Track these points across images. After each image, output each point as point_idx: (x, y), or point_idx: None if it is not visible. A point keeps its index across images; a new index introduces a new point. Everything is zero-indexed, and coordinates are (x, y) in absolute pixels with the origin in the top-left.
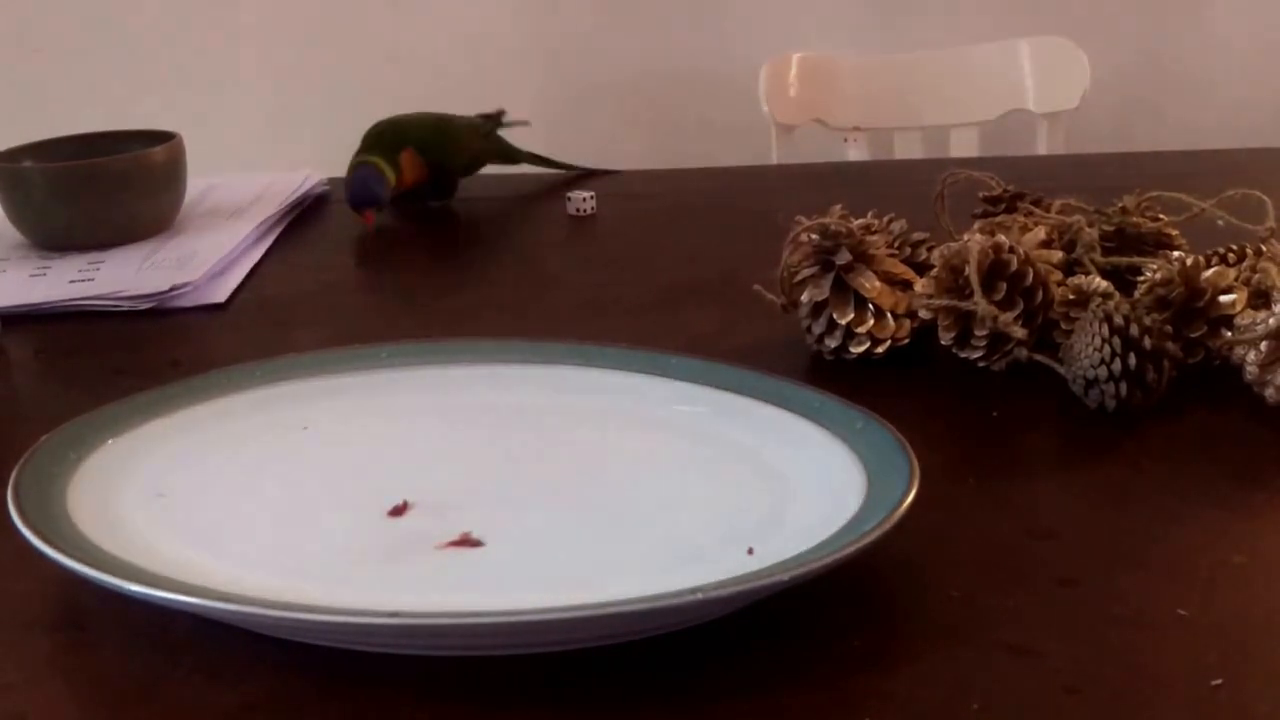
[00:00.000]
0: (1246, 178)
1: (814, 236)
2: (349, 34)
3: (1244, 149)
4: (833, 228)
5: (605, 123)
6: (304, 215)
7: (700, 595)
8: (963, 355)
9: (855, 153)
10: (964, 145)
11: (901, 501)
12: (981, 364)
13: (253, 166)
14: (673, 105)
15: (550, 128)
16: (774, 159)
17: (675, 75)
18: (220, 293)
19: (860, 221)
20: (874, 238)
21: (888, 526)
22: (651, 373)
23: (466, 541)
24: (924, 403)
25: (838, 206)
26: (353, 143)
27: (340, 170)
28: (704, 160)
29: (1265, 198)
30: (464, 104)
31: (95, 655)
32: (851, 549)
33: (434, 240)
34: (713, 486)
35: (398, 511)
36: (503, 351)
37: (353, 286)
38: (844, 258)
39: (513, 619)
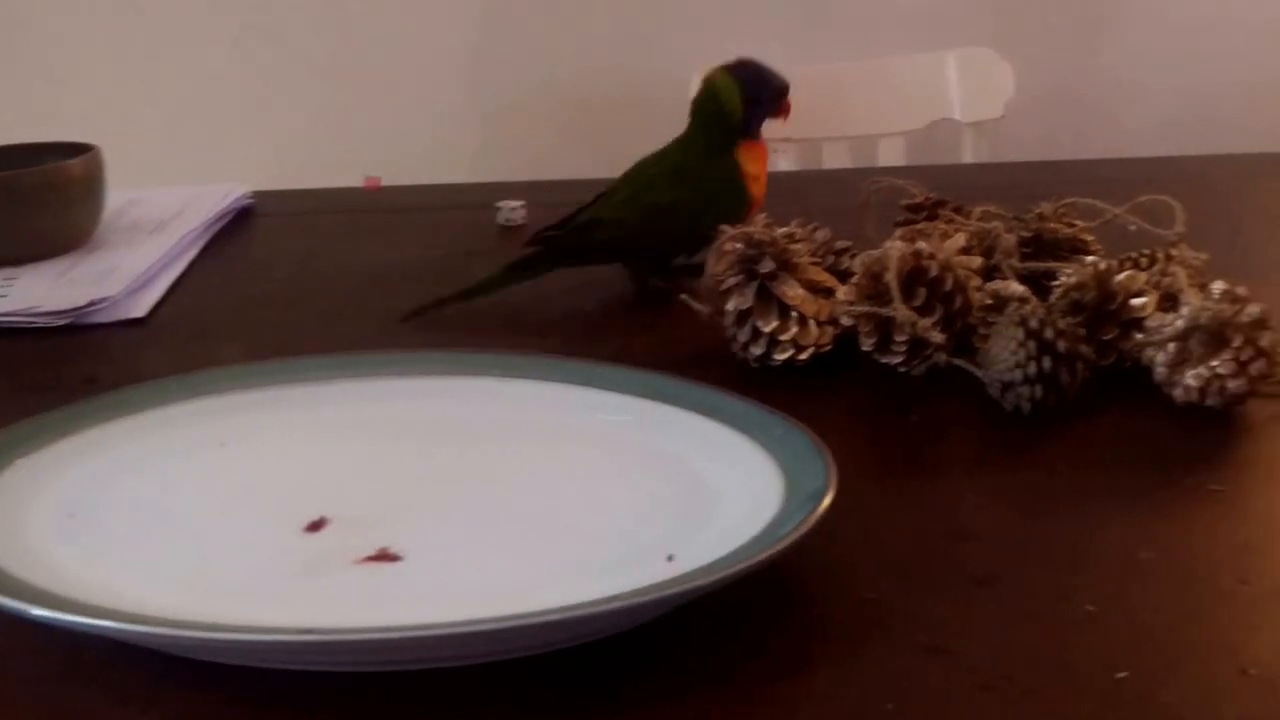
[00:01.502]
0: (1160, 184)
1: (738, 245)
2: (276, 44)
3: (1160, 157)
4: (756, 237)
5: (537, 132)
6: (229, 229)
7: (616, 605)
8: (884, 360)
9: (785, 163)
10: (891, 154)
11: (817, 506)
12: (902, 369)
13: (177, 179)
14: (607, 115)
15: (482, 137)
16: None
17: (608, 85)
18: (140, 307)
19: (783, 230)
20: (797, 246)
21: (802, 531)
22: (575, 382)
23: (384, 556)
24: (847, 407)
25: (761, 215)
26: (281, 155)
27: (267, 183)
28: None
29: (1175, 203)
30: (393, 113)
31: (3, 680)
32: (766, 555)
33: (359, 252)
34: (634, 495)
35: (315, 527)
36: (424, 364)
37: (276, 300)
38: (767, 266)
39: (426, 633)
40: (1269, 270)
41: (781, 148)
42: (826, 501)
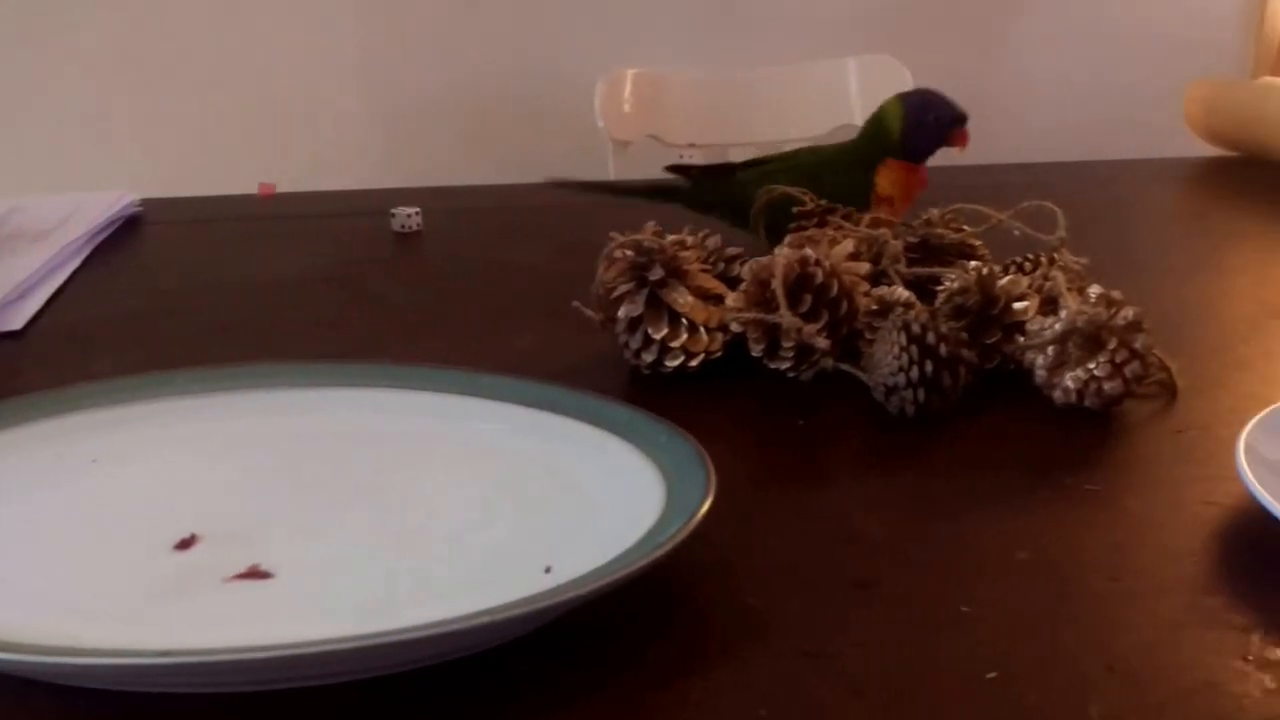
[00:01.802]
0: (1053, 189)
1: (628, 252)
2: (167, 47)
3: (1056, 162)
4: (646, 244)
5: (437, 138)
6: (115, 238)
7: (483, 621)
8: (773, 366)
9: None
10: None
11: (695, 514)
12: (791, 374)
13: (63, 187)
14: (509, 120)
15: (383, 142)
16: (611, 174)
17: (511, 90)
18: (16, 320)
19: (673, 238)
20: (687, 253)
21: (678, 540)
22: (459, 392)
23: (255, 573)
24: (737, 413)
25: (651, 223)
26: (169, 162)
27: (157, 190)
28: (543, 175)
29: (1057, 209)
30: (289, 119)
31: None
32: (640, 565)
33: (248, 260)
34: (514, 506)
35: (185, 545)
36: (303, 375)
37: (162, 312)
38: (657, 273)
39: (285, 653)
40: (1151, 273)
41: (688, 153)
42: (704, 509)
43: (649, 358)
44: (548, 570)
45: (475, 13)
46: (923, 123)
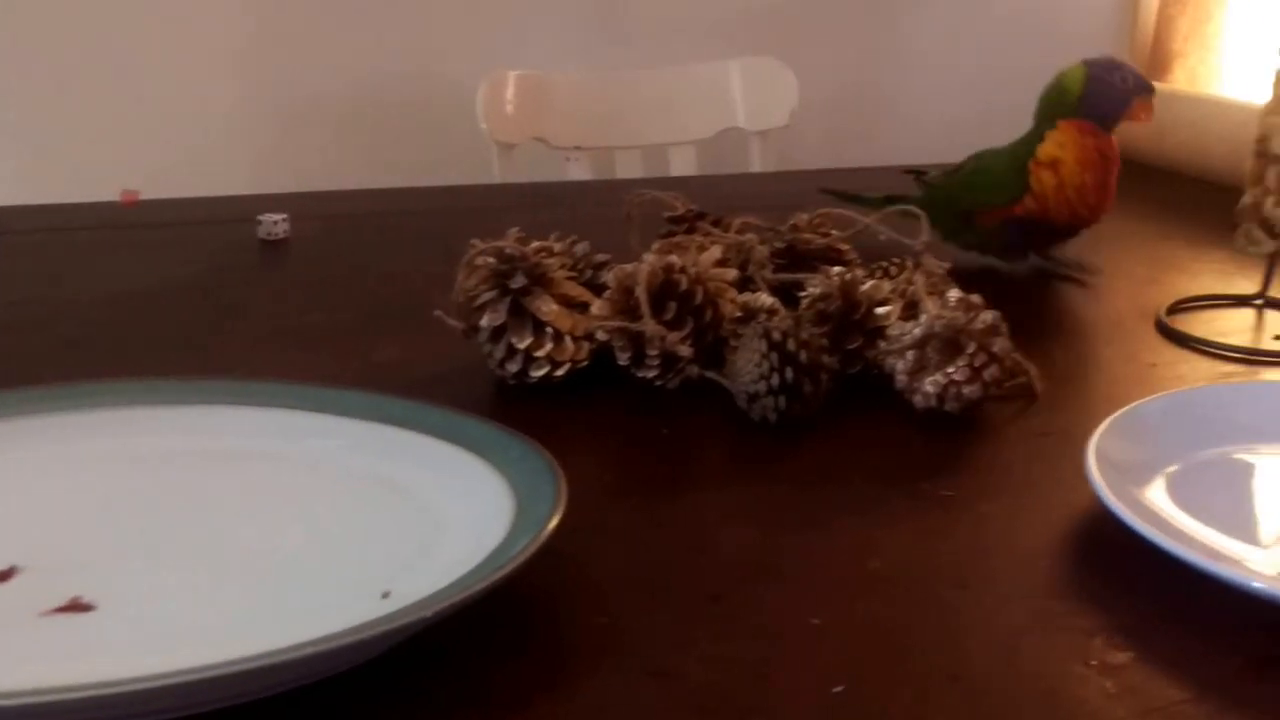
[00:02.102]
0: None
1: (490, 260)
2: (20, 44)
3: (940, 164)
4: (508, 251)
5: (315, 142)
6: None
7: (312, 650)
8: (639, 375)
9: (577, 171)
10: (683, 163)
11: (539, 533)
12: (658, 383)
13: None
14: (387, 124)
15: (254, 148)
16: (496, 177)
17: (391, 92)
18: None
19: (536, 244)
20: (551, 260)
21: (519, 560)
22: (304, 408)
23: (75, 606)
24: (602, 424)
25: (514, 229)
26: (23, 167)
27: (10, 198)
28: (429, 178)
29: (921, 213)
30: (154, 122)
31: None
32: (477, 588)
33: (106, 271)
34: (356, 527)
35: (3, 577)
36: (141, 393)
37: (13, 326)
38: (520, 281)
39: (96, 693)
40: (1020, 276)
41: (574, 156)
42: (549, 527)
43: (513, 368)
44: (386, 595)
45: (351, 13)
46: (1107, 82)
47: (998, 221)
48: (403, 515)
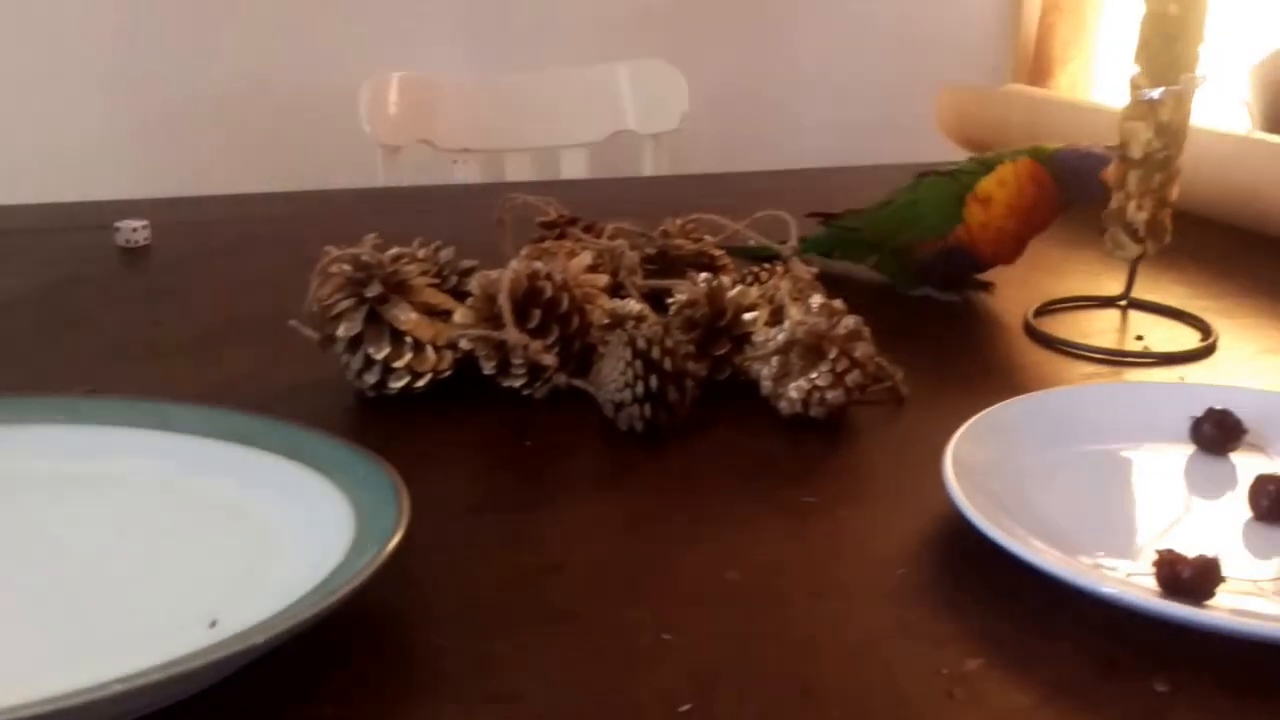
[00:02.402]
0: (818, 196)
1: (345, 267)
2: None
3: (828, 168)
4: (363, 258)
5: (192, 146)
6: None
7: (120, 688)
8: (505, 384)
9: (465, 174)
10: (574, 167)
11: (375, 557)
12: (525, 392)
13: None
14: (270, 126)
15: (138, 151)
16: (381, 181)
17: (271, 94)
18: None
19: (395, 251)
20: (411, 267)
21: (352, 586)
22: (139, 426)
23: None
24: (464, 436)
25: (371, 235)
26: None
27: None
28: (313, 183)
29: (789, 218)
30: (12, 122)
31: None
32: (305, 616)
33: None
34: (186, 553)
35: None
36: None
37: None
38: (375, 289)
39: None
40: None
41: (462, 158)
42: (388, 550)
43: (371, 379)
44: (213, 624)
45: (223, 11)
46: (1085, 154)
47: (934, 251)
48: (238, 538)
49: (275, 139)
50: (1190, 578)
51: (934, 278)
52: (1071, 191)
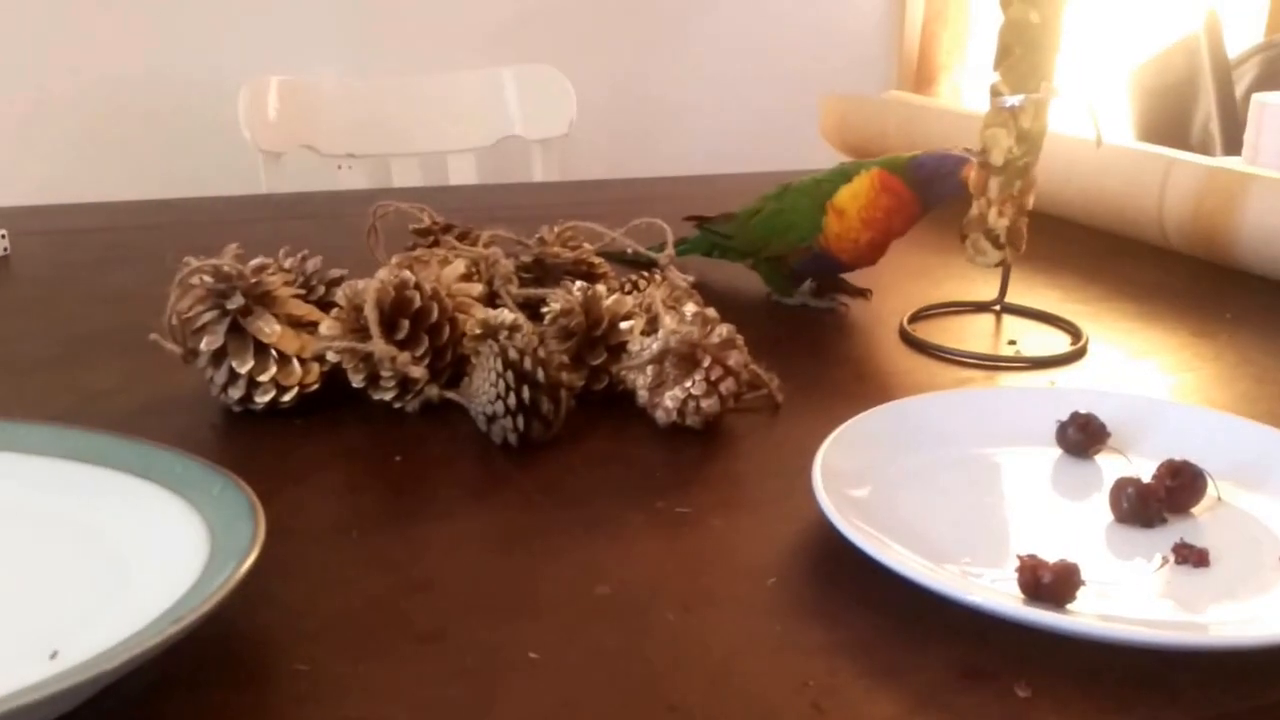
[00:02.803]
0: (702, 202)
1: (206, 278)
2: None
3: (714, 174)
4: (225, 269)
5: (66, 151)
6: None
7: None
8: (376, 397)
9: (350, 180)
10: (462, 172)
11: (226, 581)
12: (397, 405)
13: None
14: (144, 132)
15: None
16: (264, 188)
17: (143, 99)
18: None
19: (256, 261)
20: (275, 278)
21: (200, 613)
22: None
23: None
24: (333, 452)
25: (232, 246)
26: None
27: None
28: (193, 189)
29: (665, 225)
30: None
31: None
32: (151, 644)
33: None
34: (30, 578)
35: None
36: None
37: None
38: (237, 301)
39: None
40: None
41: (346, 164)
42: (240, 573)
43: (236, 393)
44: (54, 655)
45: (99, 11)
46: (942, 157)
47: (804, 257)
48: (86, 562)
49: (154, 145)
50: (1051, 582)
51: (805, 281)
52: (930, 195)
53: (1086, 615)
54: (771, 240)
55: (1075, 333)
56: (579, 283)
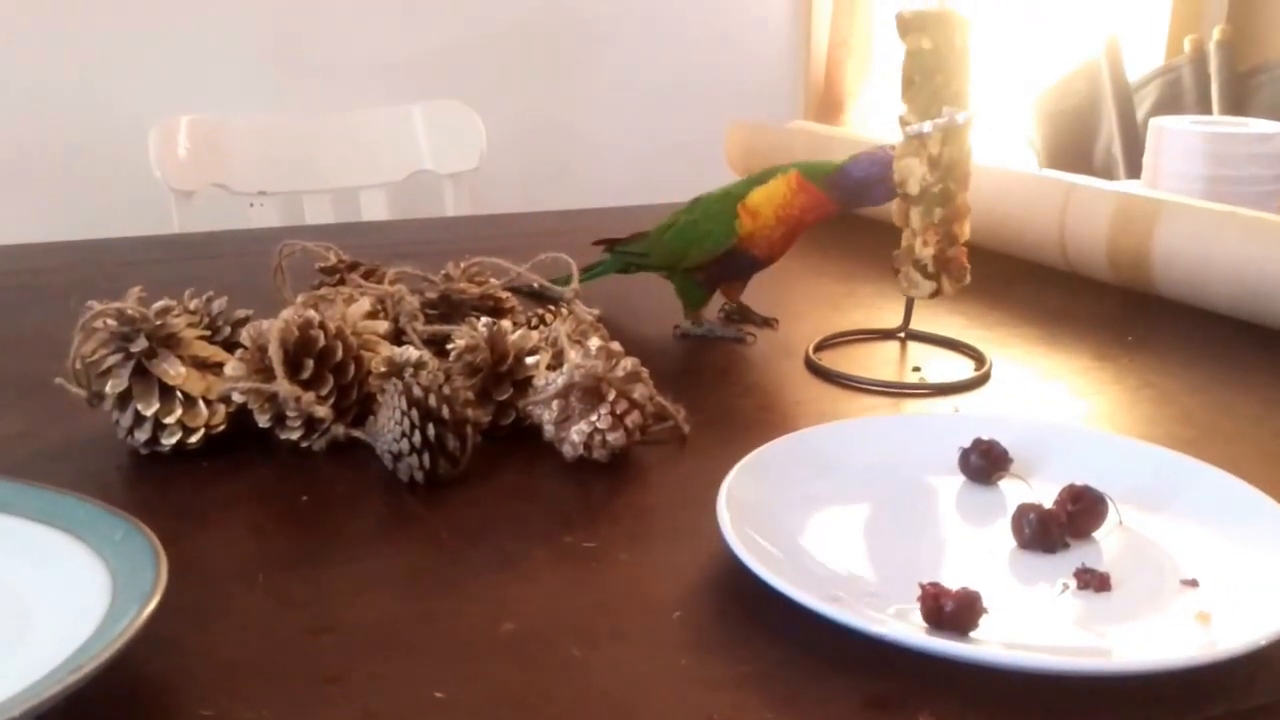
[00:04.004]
0: (611, 233)
1: (109, 322)
2: None
3: (623, 206)
4: (128, 312)
5: None
6: None
7: None
8: (284, 437)
9: (262, 217)
10: (374, 207)
11: (125, 628)
12: (304, 444)
13: None
14: (54, 173)
15: None
16: (176, 227)
17: (62, 141)
18: None
19: (160, 304)
20: (179, 320)
21: (96, 664)
22: None
23: None
24: (243, 492)
25: (136, 289)
26: None
27: None
28: (106, 230)
29: (571, 260)
30: None
31: None
32: (46, 695)
33: None
34: None
35: None
36: None
37: None
38: (141, 344)
39: None
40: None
41: (258, 201)
42: (140, 619)
43: (142, 436)
44: None
45: (5, 56)
46: (871, 162)
47: (716, 261)
48: None
49: (66, 187)
50: (953, 611)
51: (717, 287)
52: (853, 201)
53: (990, 643)
54: (689, 251)
55: (979, 358)
56: (484, 318)
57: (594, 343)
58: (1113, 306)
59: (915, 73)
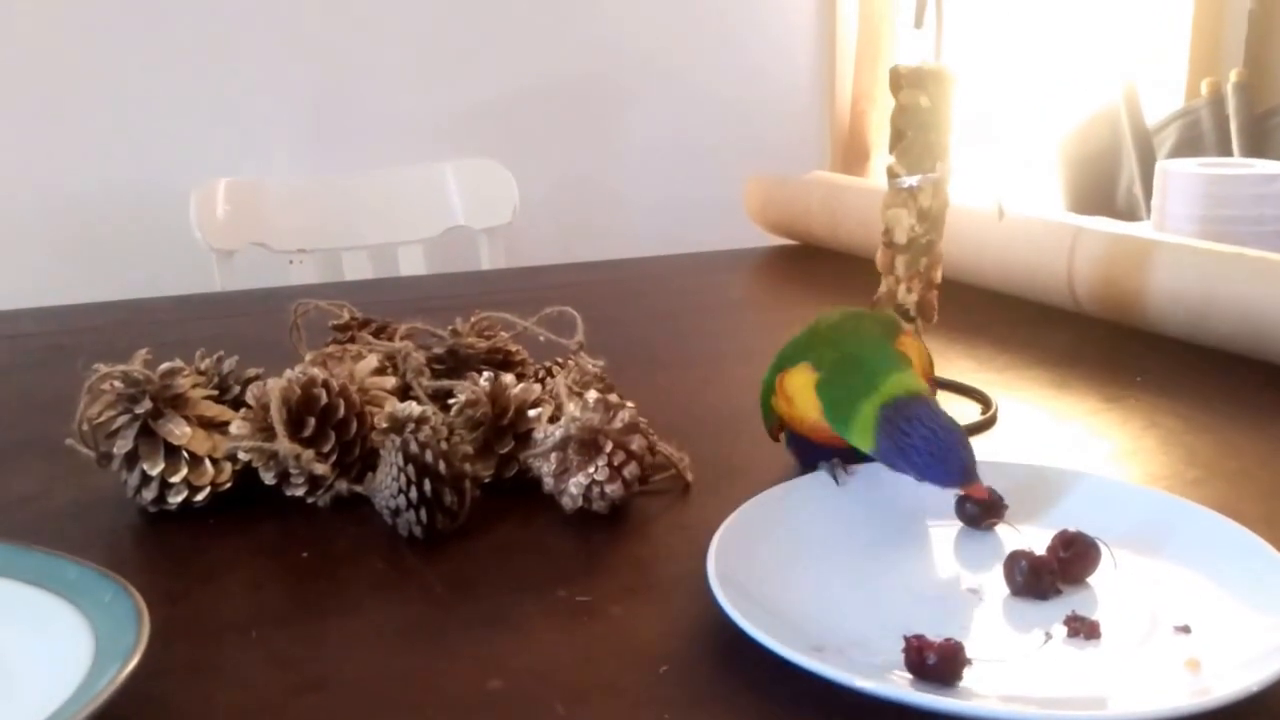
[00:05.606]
0: (632, 285)
1: (116, 384)
2: None
3: (648, 257)
4: (134, 374)
5: (30, 256)
6: None
7: None
8: (289, 493)
9: (300, 275)
10: (412, 262)
11: (107, 686)
12: (309, 500)
13: None
14: (109, 234)
15: None
16: (218, 285)
17: (108, 203)
18: None
19: (165, 365)
20: (184, 380)
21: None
22: None
23: None
24: (249, 548)
25: (142, 351)
26: None
27: None
28: (150, 290)
29: (576, 314)
30: None
31: None
32: None
33: None
34: None
35: None
36: None
37: None
38: (145, 405)
39: None
40: (700, 363)
41: (298, 259)
42: (122, 676)
43: (149, 495)
44: None
45: (49, 127)
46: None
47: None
48: None
49: (110, 251)
50: (936, 663)
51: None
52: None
53: (976, 694)
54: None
55: (985, 402)
56: (486, 372)
57: (592, 394)
58: (1123, 347)
59: (909, 127)
